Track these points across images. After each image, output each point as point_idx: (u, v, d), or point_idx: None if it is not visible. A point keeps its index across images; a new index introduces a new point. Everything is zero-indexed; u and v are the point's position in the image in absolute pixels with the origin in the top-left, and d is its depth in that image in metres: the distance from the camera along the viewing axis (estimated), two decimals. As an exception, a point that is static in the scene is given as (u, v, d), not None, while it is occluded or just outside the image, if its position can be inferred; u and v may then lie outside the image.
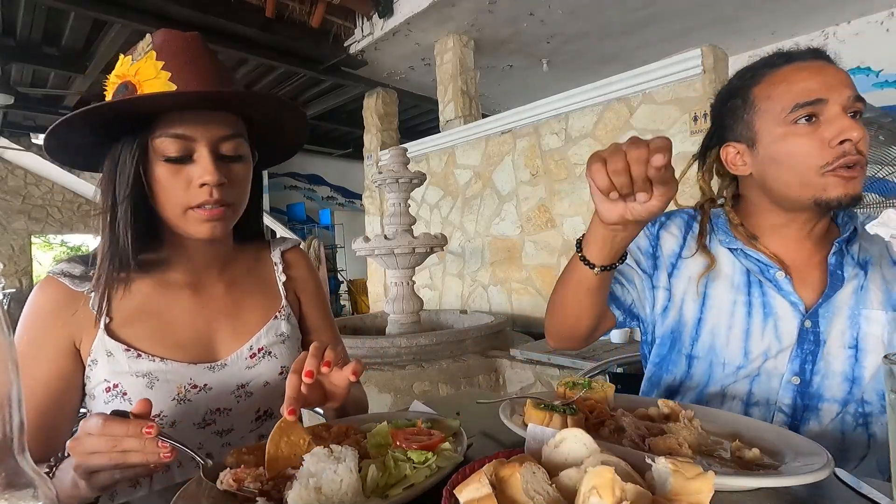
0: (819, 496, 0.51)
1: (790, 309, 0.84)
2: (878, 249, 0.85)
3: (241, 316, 0.85)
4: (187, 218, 0.73)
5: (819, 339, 0.82)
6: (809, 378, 0.82)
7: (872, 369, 0.80)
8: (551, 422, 0.59)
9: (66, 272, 0.75)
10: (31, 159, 7.73)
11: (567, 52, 5.25)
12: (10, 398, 0.33)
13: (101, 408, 0.74)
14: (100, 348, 0.73)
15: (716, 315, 0.88)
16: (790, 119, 0.77)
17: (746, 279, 0.88)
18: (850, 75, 0.78)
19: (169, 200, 0.72)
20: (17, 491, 0.33)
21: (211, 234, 0.74)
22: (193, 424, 0.77)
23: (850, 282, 0.83)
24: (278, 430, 0.55)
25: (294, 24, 4.72)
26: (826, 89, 0.76)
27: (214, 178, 0.71)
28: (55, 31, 4.74)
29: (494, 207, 4.35)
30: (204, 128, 0.71)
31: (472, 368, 2.88)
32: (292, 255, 0.96)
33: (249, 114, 0.78)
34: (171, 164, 0.71)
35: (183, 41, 0.74)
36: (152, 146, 0.71)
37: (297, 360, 0.65)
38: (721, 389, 0.87)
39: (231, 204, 0.75)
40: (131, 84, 0.71)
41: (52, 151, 0.75)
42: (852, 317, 0.82)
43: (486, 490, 0.39)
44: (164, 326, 0.77)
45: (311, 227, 9.01)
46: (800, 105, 0.76)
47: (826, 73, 0.77)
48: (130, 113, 0.70)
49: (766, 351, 0.84)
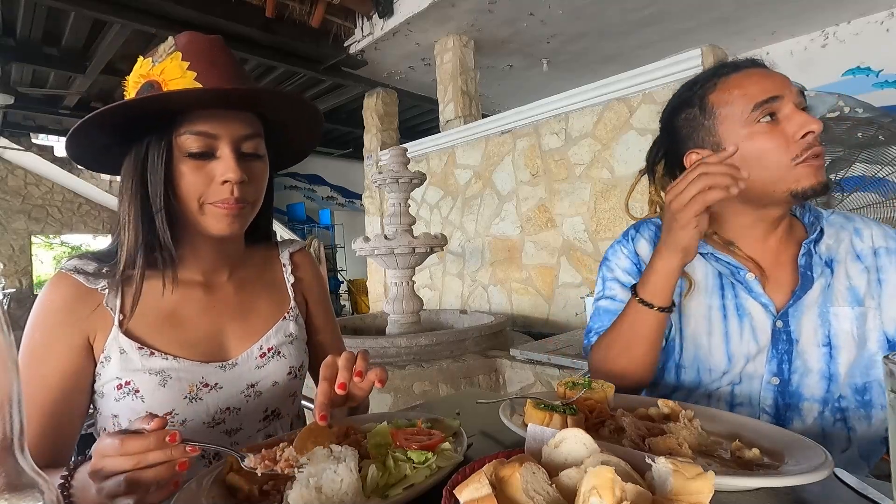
0: (819, 496, 0.51)
1: (762, 310, 0.86)
2: (843, 247, 0.87)
3: (251, 316, 0.85)
4: (206, 213, 0.74)
5: (791, 338, 0.84)
6: (788, 377, 0.84)
7: (847, 365, 0.82)
8: (551, 422, 0.59)
9: (80, 269, 0.75)
10: (31, 159, 7.73)
11: (567, 52, 5.25)
12: (11, 398, 0.33)
13: (112, 406, 0.74)
14: (113, 346, 0.74)
15: (694, 324, 0.89)
16: (752, 119, 0.80)
17: (719, 282, 0.90)
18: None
19: (189, 197, 0.73)
20: (18, 491, 0.33)
21: (229, 229, 0.75)
22: (203, 423, 0.77)
23: (818, 280, 0.85)
24: (308, 431, 0.58)
25: (294, 24, 4.72)
26: (779, 87, 0.80)
27: (237, 176, 0.72)
28: (55, 31, 4.74)
29: (494, 207, 4.35)
30: (227, 126, 0.73)
31: (472, 368, 2.88)
32: (300, 256, 0.98)
33: (266, 114, 0.80)
34: (193, 160, 0.72)
35: (207, 43, 0.76)
36: (176, 143, 0.72)
37: (327, 366, 0.66)
38: (706, 394, 0.89)
39: (250, 202, 0.77)
40: (157, 83, 0.72)
41: (73, 150, 0.76)
42: (822, 315, 0.83)
43: (486, 490, 0.39)
44: (176, 325, 0.78)
45: (311, 227, 9.02)
46: (759, 104, 0.79)
47: (773, 76, 0.82)
48: (156, 110, 0.71)
49: (747, 353, 0.86)
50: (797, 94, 0.81)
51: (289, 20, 4.67)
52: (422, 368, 2.75)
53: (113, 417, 0.76)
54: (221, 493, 0.52)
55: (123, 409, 0.74)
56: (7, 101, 5.40)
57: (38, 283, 8.25)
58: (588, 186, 3.67)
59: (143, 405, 0.73)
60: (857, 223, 0.89)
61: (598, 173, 3.62)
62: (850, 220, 0.90)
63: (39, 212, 8.22)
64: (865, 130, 2.54)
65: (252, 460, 0.50)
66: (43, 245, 8.81)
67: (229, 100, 0.72)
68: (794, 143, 0.78)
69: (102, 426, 0.78)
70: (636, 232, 1.00)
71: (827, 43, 4.99)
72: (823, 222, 0.88)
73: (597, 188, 3.62)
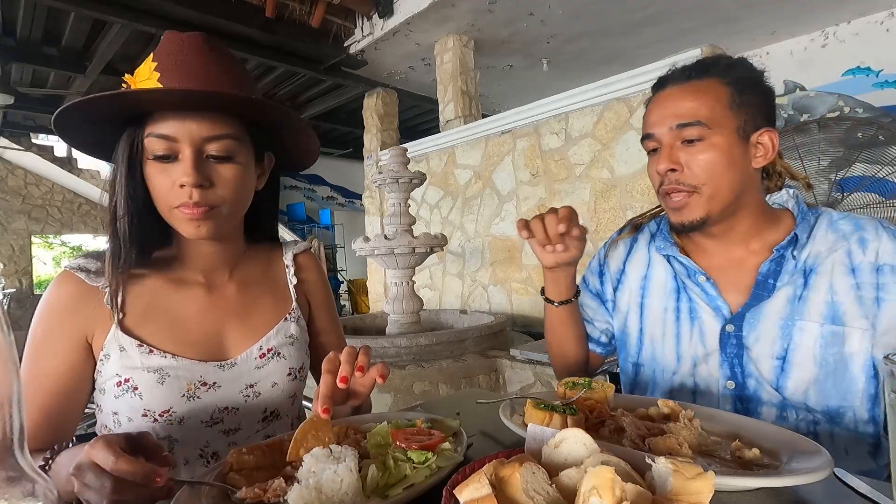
0: (819, 496, 0.51)
1: (712, 313, 0.86)
2: (834, 258, 0.80)
3: (252, 316, 0.85)
4: (173, 217, 0.74)
5: (741, 343, 0.82)
6: (743, 381, 0.83)
7: (799, 383, 0.78)
8: (551, 422, 0.59)
9: (83, 267, 0.76)
10: (31, 159, 7.73)
11: (567, 52, 5.25)
12: (11, 398, 0.33)
13: (112, 402, 0.75)
14: (113, 343, 0.74)
15: (652, 323, 0.93)
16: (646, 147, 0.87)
17: (676, 284, 0.91)
18: (689, 100, 0.81)
19: (158, 199, 0.74)
20: (18, 491, 0.33)
21: (196, 233, 0.74)
22: (201, 422, 0.77)
23: (783, 290, 0.81)
24: (310, 423, 0.58)
25: (294, 24, 4.72)
26: (656, 123, 0.83)
27: (192, 180, 0.70)
28: (55, 31, 4.74)
29: (494, 207, 4.35)
30: (187, 128, 0.71)
31: (472, 368, 2.88)
32: (304, 258, 0.97)
33: (248, 116, 0.78)
34: (158, 162, 0.72)
35: (178, 42, 0.74)
36: (144, 145, 0.72)
37: (329, 360, 0.67)
38: (665, 393, 0.90)
39: (216, 206, 0.74)
40: (127, 85, 0.73)
41: (68, 141, 0.77)
42: (784, 327, 0.80)
43: (486, 490, 0.39)
44: (175, 323, 0.78)
45: (311, 227, 9.01)
46: (642, 138, 0.87)
47: (663, 104, 0.84)
48: (123, 111, 0.71)
49: (695, 355, 0.87)
50: (673, 127, 0.81)
51: (289, 20, 4.67)
52: (422, 368, 2.75)
53: (113, 414, 0.76)
54: (221, 493, 0.52)
55: (123, 405, 0.75)
56: (7, 101, 5.39)
57: (38, 283, 8.24)
58: (588, 186, 3.67)
59: (141, 402, 0.74)
60: (866, 233, 0.80)
61: (598, 173, 3.62)
62: (858, 230, 0.81)
63: (39, 212, 8.21)
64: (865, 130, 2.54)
65: (243, 493, 0.50)
66: (43, 245, 8.80)
67: (187, 101, 0.70)
68: (657, 177, 0.84)
69: (103, 423, 0.79)
70: (617, 234, 1.05)
71: (827, 43, 4.99)
72: (819, 230, 0.83)
73: (597, 188, 3.62)
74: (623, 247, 1.02)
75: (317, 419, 0.59)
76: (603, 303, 1.03)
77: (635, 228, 1.03)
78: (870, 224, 0.81)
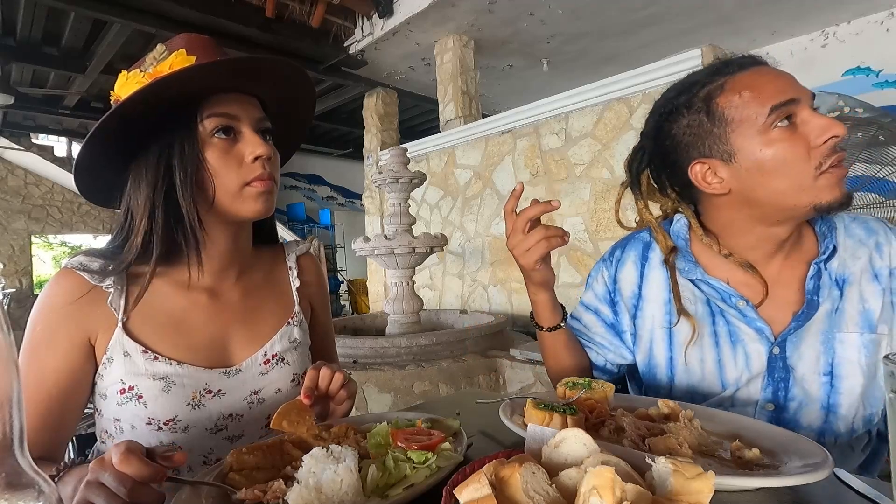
0: (819, 496, 0.51)
1: (755, 336, 0.80)
2: (860, 265, 0.78)
3: (256, 322, 0.84)
4: (243, 196, 0.74)
5: (787, 365, 0.78)
6: (785, 404, 0.79)
7: (851, 395, 0.76)
8: (551, 422, 0.59)
9: (85, 265, 0.74)
10: (31, 159, 7.73)
11: (567, 52, 5.25)
12: (11, 398, 0.33)
13: (114, 409, 0.73)
14: (116, 347, 0.72)
15: (685, 350, 0.85)
16: (768, 124, 0.71)
17: (709, 309, 0.84)
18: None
19: (227, 180, 0.73)
20: (18, 491, 0.33)
21: (265, 207, 0.76)
22: (206, 430, 0.76)
23: (825, 304, 0.77)
24: (291, 404, 0.64)
25: (294, 24, 4.72)
26: (795, 89, 0.72)
27: (266, 150, 0.74)
28: (55, 31, 4.74)
29: (494, 207, 4.35)
30: (245, 108, 0.75)
31: (472, 368, 2.88)
32: (306, 260, 0.96)
33: (266, 101, 0.81)
34: (223, 141, 0.73)
35: (207, 40, 0.77)
36: (202, 126, 0.73)
37: (314, 368, 0.72)
38: None
39: (276, 181, 0.78)
40: (117, 98, 0.73)
41: (82, 172, 0.75)
42: (826, 342, 0.77)
43: (486, 490, 0.39)
44: (180, 329, 0.77)
45: (311, 227, 9.01)
46: (776, 107, 0.71)
47: (784, 75, 0.74)
48: (178, 99, 0.71)
49: (738, 380, 0.82)
50: (811, 95, 0.73)
51: (289, 20, 4.67)
52: (422, 368, 2.75)
53: (115, 421, 0.74)
54: (221, 493, 0.52)
55: (126, 413, 0.73)
56: (7, 101, 5.39)
57: (38, 283, 8.24)
58: (588, 186, 3.67)
59: (146, 411, 0.72)
60: (879, 237, 0.79)
61: (598, 173, 3.61)
62: (872, 234, 0.80)
63: (39, 212, 8.22)
64: (865, 130, 2.54)
65: (243, 493, 0.50)
66: (43, 245, 8.80)
67: (242, 81, 0.75)
68: (816, 150, 0.70)
69: (104, 428, 0.77)
70: (622, 253, 0.95)
71: (827, 43, 4.99)
72: (840, 236, 0.80)
73: (597, 188, 3.62)
74: (633, 269, 0.92)
75: (298, 402, 0.65)
76: (619, 334, 0.94)
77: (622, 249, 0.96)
78: (879, 227, 0.80)
